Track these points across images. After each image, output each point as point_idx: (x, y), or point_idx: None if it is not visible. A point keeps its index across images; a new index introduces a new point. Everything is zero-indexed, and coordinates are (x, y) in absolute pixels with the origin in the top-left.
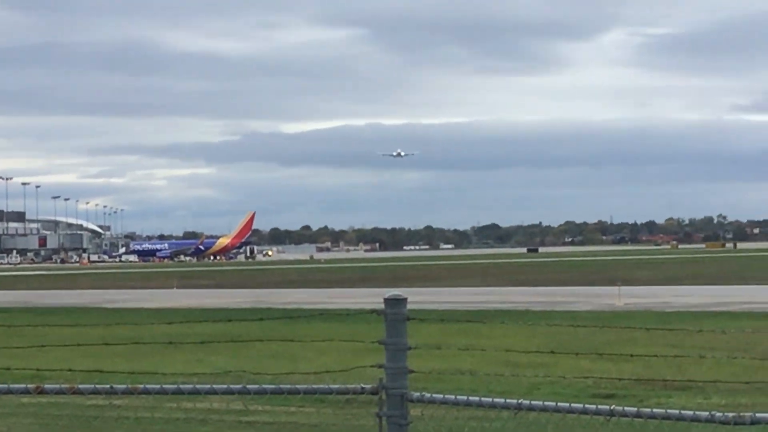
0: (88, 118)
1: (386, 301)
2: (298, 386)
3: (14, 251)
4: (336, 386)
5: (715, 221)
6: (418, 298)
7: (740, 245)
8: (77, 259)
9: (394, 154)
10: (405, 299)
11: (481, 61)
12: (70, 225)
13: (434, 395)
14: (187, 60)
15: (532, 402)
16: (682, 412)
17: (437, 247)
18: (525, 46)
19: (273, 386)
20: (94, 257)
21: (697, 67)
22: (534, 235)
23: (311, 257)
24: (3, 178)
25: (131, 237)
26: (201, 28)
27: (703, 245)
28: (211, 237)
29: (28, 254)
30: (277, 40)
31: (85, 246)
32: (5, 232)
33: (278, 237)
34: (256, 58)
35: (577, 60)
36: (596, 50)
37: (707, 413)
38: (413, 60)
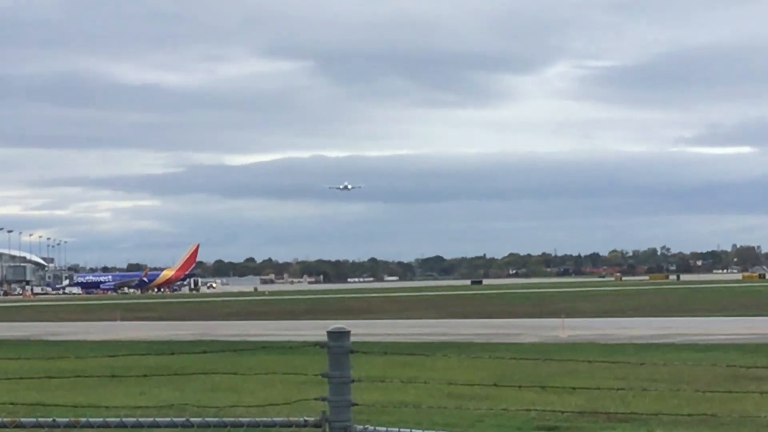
0: (30, 150)
1: (329, 334)
2: (241, 419)
3: None
4: (279, 419)
5: (658, 253)
6: (362, 330)
7: (683, 277)
8: (20, 292)
9: (341, 186)
10: (348, 332)
11: (426, 94)
12: (13, 257)
13: (378, 428)
14: (130, 92)
15: None
16: None
17: (381, 279)
18: (469, 78)
19: (216, 419)
20: (37, 289)
21: (641, 100)
22: (478, 267)
23: (255, 289)
24: None
25: (75, 269)
26: (144, 60)
27: (647, 277)
28: (156, 269)
29: None
30: (221, 72)
31: (28, 278)
32: None
33: (222, 269)
34: (200, 90)
35: (521, 92)
36: (540, 83)
37: None
38: (357, 92)
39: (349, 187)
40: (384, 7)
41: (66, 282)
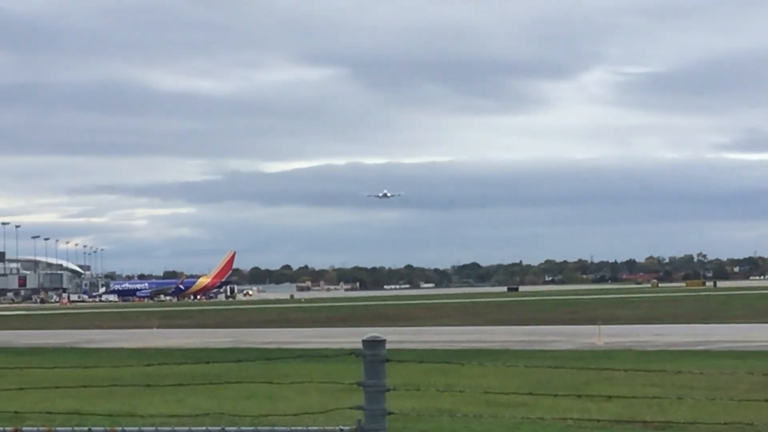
0: (68, 158)
1: (365, 342)
2: (276, 428)
3: None
4: (315, 428)
5: (695, 260)
6: (398, 337)
7: (720, 284)
8: (57, 299)
9: (380, 195)
10: (383, 341)
11: (463, 100)
12: (49, 265)
13: None
14: (167, 99)
15: None
16: None
17: (417, 286)
18: (506, 85)
19: (252, 428)
20: (74, 297)
21: (678, 106)
22: (514, 274)
23: (291, 296)
24: None
25: (111, 277)
26: (181, 68)
27: (684, 284)
28: (192, 276)
29: (8, 294)
30: (258, 79)
31: (65, 286)
32: None
33: (258, 276)
34: (237, 97)
35: (558, 99)
36: (577, 89)
37: None
38: (394, 99)
39: (389, 195)
40: (421, 13)
41: (102, 289)
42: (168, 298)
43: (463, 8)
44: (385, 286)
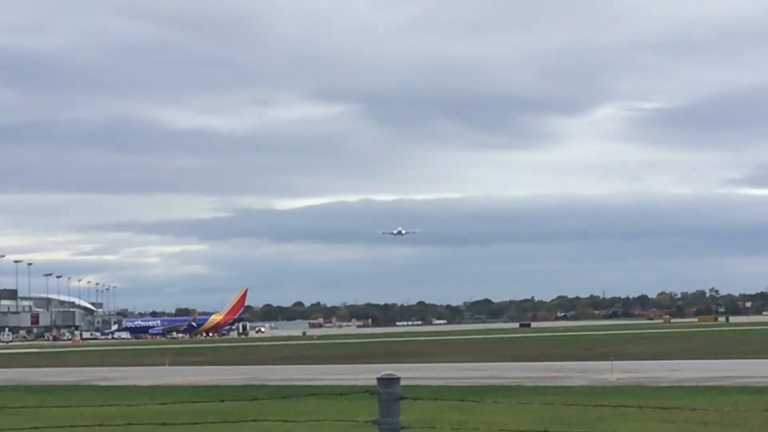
0: (80, 195)
1: (379, 381)
2: None
3: (6, 329)
4: None
5: (707, 295)
6: (411, 374)
7: (732, 319)
8: (69, 337)
9: (395, 232)
10: (398, 379)
11: (473, 137)
12: (62, 302)
13: None
14: (178, 136)
15: None
16: None
17: (430, 323)
18: (517, 121)
19: None
20: (86, 334)
21: (689, 141)
22: (526, 310)
23: (304, 333)
24: None
25: (123, 314)
26: (193, 105)
27: (696, 319)
28: (204, 314)
29: (20, 332)
30: (270, 116)
31: (77, 323)
32: None
33: (271, 313)
34: (249, 134)
35: (569, 134)
36: (588, 125)
37: None
38: (406, 135)
39: (403, 232)
40: (432, 50)
41: (115, 327)
42: (180, 335)
43: (475, 44)
44: (397, 323)
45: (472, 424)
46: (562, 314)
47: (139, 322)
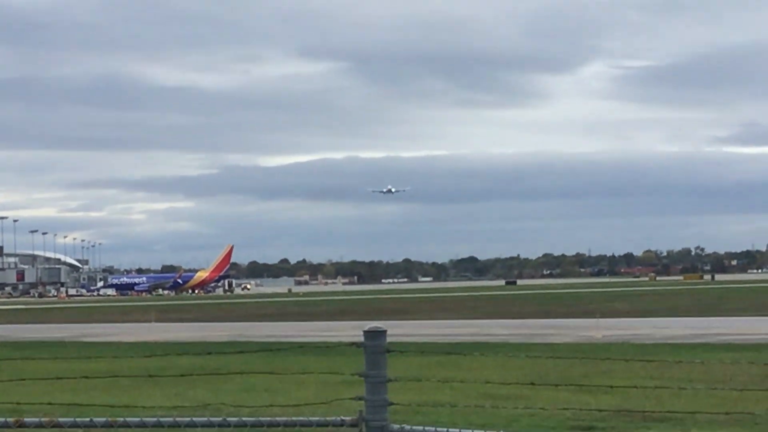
0: (66, 152)
1: (366, 333)
2: (277, 419)
3: None
4: (316, 419)
5: (693, 253)
6: (397, 330)
7: (718, 277)
8: (55, 293)
9: (384, 190)
10: (384, 331)
11: (461, 94)
12: (48, 259)
13: (414, 427)
14: (165, 94)
15: None
16: None
17: (415, 280)
18: (504, 79)
19: (253, 419)
20: (72, 291)
21: (676, 100)
22: (512, 268)
23: (289, 290)
24: None
25: (109, 271)
26: (180, 62)
27: (681, 277)
28: (190, 271)
29: (6, 288)
30: (257, 73)
31: (63, 280)
32: None
33: (256, 270)
34: (235, 91)
35: (556, 93)
36: (575, 83)
37: None
38: (393, 93)
39: (393, 190)
40: (420, 8)
41: (100, 284)
42: (166, 292)
43: (462, 2)
44: (383, 280)
45: (458, 378)
46: (548, 272)
47: (124, 279)
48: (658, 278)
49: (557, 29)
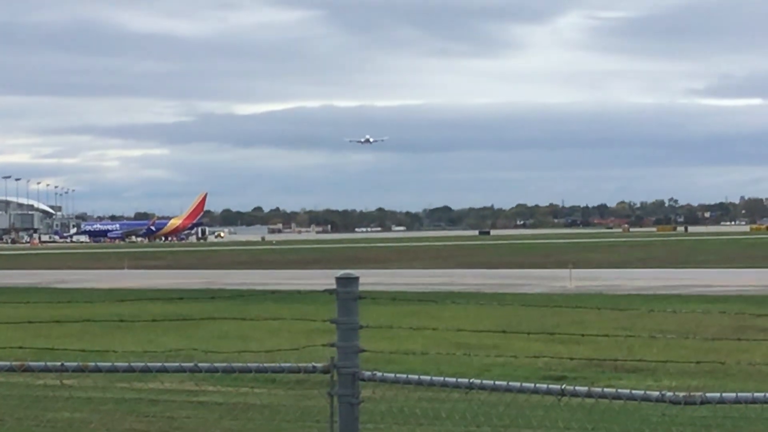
0: (40, 98)
1: (338, 280)
2: (249, 365)
3: None
4: (287, 365)
5: (666, 205)
6: (370, 279)
7: (691, 229)
8: (28, 240)
9: (362, 140)
10: (357, 278)
11: (435, 44)
12: (20, 205)
13: (386, 374)
14: (140, 40)
15: (483, 382)
16: (633, 392)
17: (389, 229)
18: (479, 28)
19: (224, 365)
20: (45, 237)
21: (652, 51)
22: (486, 218)
23: (263, 239)
24: None
25: (82, 218)
26: (156, 8)
27: (655, 229)
28: (163, 218)
29: None
30: (233, 21)
31: (36, 226)
32: None
33: (230, 218)
34: (211, 39)
35: (531, 43)
36: (551, 33)
37: (658, 393)
38: (368, 42)
39: (371, 140)
40: None
41: (74, 230)
42: (139, 239)
43: None
44: (357, 229)
45: (431, 327)
46: (522, 222)
47: (98, 226)
48: (631, 230)
49: None
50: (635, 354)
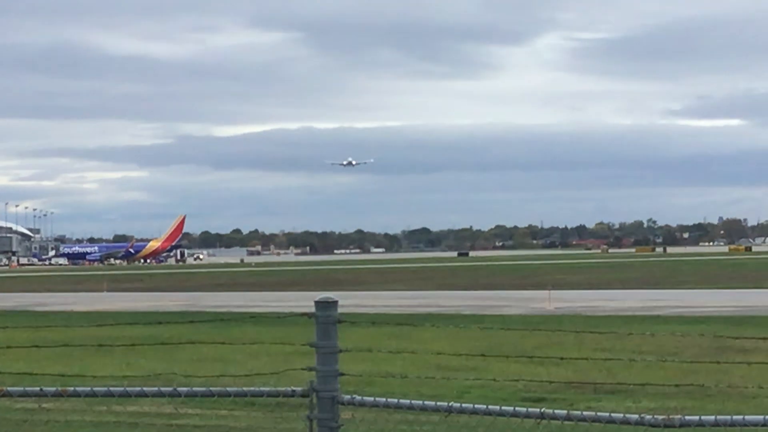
0: (18, 121)
1: (317, 303)
2: (228, 389)
3: None
4: (267, 389)
5: (645, 225)
6: (349, 301)
7: (670, 249)
8: (6, 262)
9: (344, 163)
10: (336, 302)
11: (414, 65)
12: None
13: (365, 398)
14: (118, 62)
15: (463, 405)
16: (612, 414)
17: (368, 251)
18: (458, 50)
19: (203, 389)
20: (23, 260)
21: (630, 72)
22: (464, 239)
23: (242, 261)
24: None
25: (61, 240)
26: (133, 31)
27: (634, 249)
28: (142, 240)
29: None
30: (211, 43)
31: (14, 249)
32: None
33: (209, 240)
34: (189, 61)
35: (510, 64)
36: (530, 54)
37: (637, 416)
38: (347, 63)
39: (354, 163)
40: None
41: (52, 253)
42: (118, 261)
43: None
44: (336, 251)
45: (410, 349)
46: (501, 243)
47: (76, 249)
48: (610, 250)
49: (512, 1)
50: (615, 376)
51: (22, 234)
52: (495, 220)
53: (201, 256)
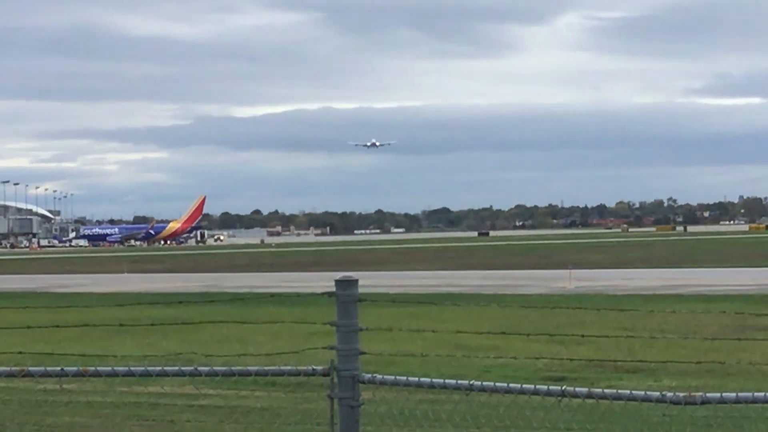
0: (39, 103)
1: (337, 282)
2: (249, 368)
3: None
4: (287, 368)
5: (665, 205)
6: (369, 281)
7: (690, 228)
8: (27, 244)
9: (368, 144)
10: (356, 281)
11: (435, 45)
12: (19, 210)
13: (386, 377)
14: (139, 44)
15: (484, 384)
16: (633, 392)
17: (388, 231)
18: (478, 29)
19: (224, 368)
20: (44, 242)
21: (650, 51)
22: (485, 219)
23: (262, 241)
24: None
25: (81, 222)
26: (153, 12)
27: (654, 229)
28: (162, 221)
29: None
30: (230, 23)
31: (35, 231)
32: None
33: (229, 221)
34: (209, 41)
35: (530, 43)
36: (550, 34)
37: (658, 394)
38: (366, 43)
39: (377, 144)
40: None
41: (72, 234)
42: (138, 243)
43: None
44: (356, 231)
45: (431, 329)
46: (521, 223)
47: (96, 230)
48: (630, 230)
49: None
50: (635, 354)
51: (43, 216)
52: (515, 200)
53: (221, 237)
